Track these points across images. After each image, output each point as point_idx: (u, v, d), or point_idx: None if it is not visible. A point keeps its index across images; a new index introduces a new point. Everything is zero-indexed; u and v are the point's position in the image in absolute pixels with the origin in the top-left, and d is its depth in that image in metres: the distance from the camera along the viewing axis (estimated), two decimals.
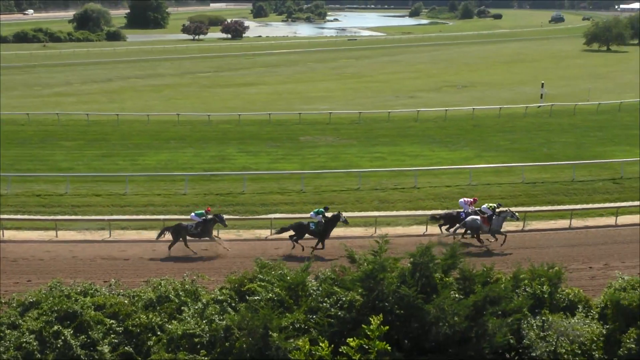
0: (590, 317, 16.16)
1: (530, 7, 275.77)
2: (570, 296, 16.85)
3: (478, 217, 27.98)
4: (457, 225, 28.43)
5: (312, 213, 28.11)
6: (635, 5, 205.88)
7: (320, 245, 27.40)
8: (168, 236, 27.44)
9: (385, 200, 34.14)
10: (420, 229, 30.00)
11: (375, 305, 14.61)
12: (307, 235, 27.73)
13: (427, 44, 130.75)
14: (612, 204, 32.94)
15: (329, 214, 27.95)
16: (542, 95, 63.15)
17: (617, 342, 14.90)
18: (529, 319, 15.38)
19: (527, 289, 16.37)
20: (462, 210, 28.88)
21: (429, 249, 15.52)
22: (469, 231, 28.27)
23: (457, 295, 15.14)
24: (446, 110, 56.87)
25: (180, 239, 27.31)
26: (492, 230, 28.11)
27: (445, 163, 40.69)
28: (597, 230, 30.32)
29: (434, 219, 29.55)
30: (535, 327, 15.20)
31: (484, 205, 28.74)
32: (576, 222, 31.20)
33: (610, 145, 46.02)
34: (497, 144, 46.65)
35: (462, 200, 29.76)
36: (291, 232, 27.65)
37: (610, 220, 31.36)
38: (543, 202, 33.99)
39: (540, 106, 60.74)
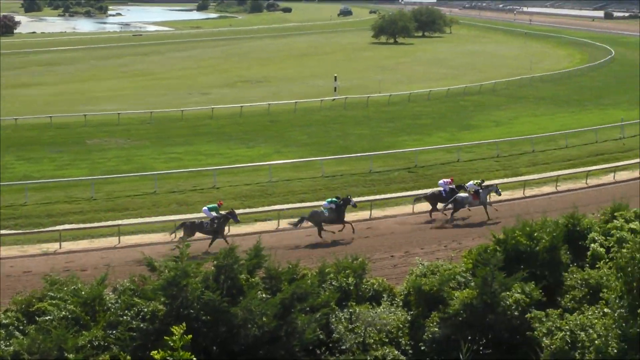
0: (395, 304, 17.00)
1: (319, 0, 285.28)
2: (375, 286, 17.62)
3: (468, 194, 31.44)
4: (448, 201, 31.44)
5: (325, 202, 29.81)
6: None
7: (340, 227, 29.54)
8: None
9: (184, 203, 33.71)
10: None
11: (180, 314, 14.36)
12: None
13: (217, 38, 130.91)
14: (408, 193, 34.98)
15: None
16: (335, 88, 65.54)
17: (421, 326, 15.82)
18: (336, 312, 15.87)
19: (333, 283, 16.88)
20: (442, 189, 32.02)
21: (232, 251, 15.52)
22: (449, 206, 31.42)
23: (264, 295, 15.27)
24: (241, 106, 57.23)
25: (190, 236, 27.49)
26: (481, 203, 31.53)
27: (244, 161, 40.98)
28: (396, 219, 32.01)
29: (418, 200, 32.43)
30: (343, 320, 15.72)
31: (470, 182, 32.37)
32: (376, 212, 32.74)
33: (402, 135, 48.81)
34: (295, 139, 47.76)
35: (441, 181, 32.90)
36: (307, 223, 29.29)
37: (408, 209, 33.26)
38: (343, 194, 35.19)
39: (334, 99, 62.98)
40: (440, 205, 31.91)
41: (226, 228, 28.71)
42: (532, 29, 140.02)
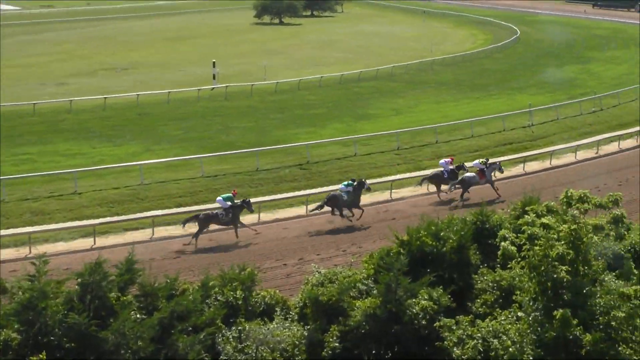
0: (289, 319, 17.07)
1: None
2: (266, 299, 17.64)
3: (474, 174, 35.34)
4: (454, 182, 35.12)
5: (341, 186, 32.83)
6: None
7: (352, 214, 32.61)
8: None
9: (39, 212, 32.74)
10: (87, 242, 29.30)
11: (38, 342, 13.97)
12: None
13: (74, 19, 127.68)
14: (301, 192, 35.23)
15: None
16: (214, 75, 65.19)
17: (319, 342, 15.93)
18: (223, 331, 15.79)
19: (218, 297, 16.79)
20: (444, 169, 35.63)
21: (100, 265, 15.19)
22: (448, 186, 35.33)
23: (139, 316, 15.04)
24: (105, 97, 56.08)
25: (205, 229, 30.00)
26: (487, 181, 35.41)
27: (110, 161, 40.16)
28: (288, 222, 32.22)
29: (423, 182, 35.79)
30: (231, 339, 15.65)
31: (476, 161, 36.65)
32: (265, 216, 32.82)
33: (292, 128, 49.07)
34: (170, 134, 47.19)
35: (442, 161, 36.55)
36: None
37: (301, 210, 33.52)
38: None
39: (213, 88, 62.63)
40: (444, 187, 35.43)
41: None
42: (431, 6, 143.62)
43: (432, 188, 35.84)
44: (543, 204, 20.17)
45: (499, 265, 18.14)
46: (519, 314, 15.22)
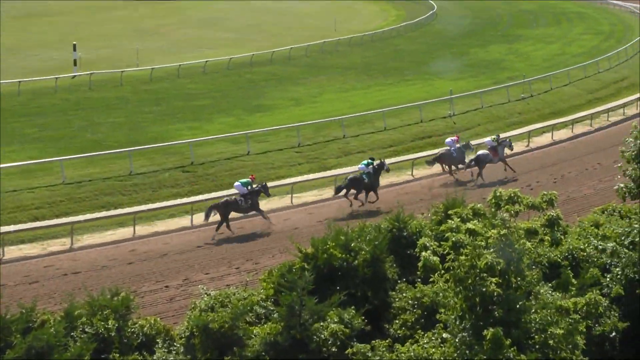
0: (174, 351, 16.94)
1: None
2: (145, 329, 17.46)
3: (487, 151, 39.05)
4: (469, 161, 38.98)
5: (361, 165, 35.56)
6: None
7: (374, 198, 35.27)
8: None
9: None
10: None
11: None
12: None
13: None
14: (184, 200, 34.99)
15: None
16: (75, 61, 64.12)
17: None
18: None
19: (86, 329, 16.54)
20: (450, 148, 39.02)
21: None
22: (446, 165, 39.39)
23: None
24: None
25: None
26: (500, 159, 39.51)
27: None
28: (170, 236, 31.95)
29: (430, 162, 39.20)
30: None
31: (488, 139, 40.80)
32: (141, 229, 32.43)
33: (172, 122, 48.65)
34: (22, 133, 46.11)
35: (448, 139, 40.10)
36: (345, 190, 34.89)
37: (185, 221, 33.27)
38: (95, 206, 34.60)
39: (75, 76, 61.59)
40: (458, 166, 39.16)
41: None
42: None
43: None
44: (468, 206, 20.52)
45: (419, 280, 18.40)
46: (444, 335, 15.46)
